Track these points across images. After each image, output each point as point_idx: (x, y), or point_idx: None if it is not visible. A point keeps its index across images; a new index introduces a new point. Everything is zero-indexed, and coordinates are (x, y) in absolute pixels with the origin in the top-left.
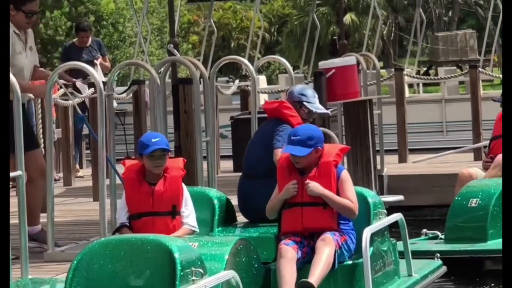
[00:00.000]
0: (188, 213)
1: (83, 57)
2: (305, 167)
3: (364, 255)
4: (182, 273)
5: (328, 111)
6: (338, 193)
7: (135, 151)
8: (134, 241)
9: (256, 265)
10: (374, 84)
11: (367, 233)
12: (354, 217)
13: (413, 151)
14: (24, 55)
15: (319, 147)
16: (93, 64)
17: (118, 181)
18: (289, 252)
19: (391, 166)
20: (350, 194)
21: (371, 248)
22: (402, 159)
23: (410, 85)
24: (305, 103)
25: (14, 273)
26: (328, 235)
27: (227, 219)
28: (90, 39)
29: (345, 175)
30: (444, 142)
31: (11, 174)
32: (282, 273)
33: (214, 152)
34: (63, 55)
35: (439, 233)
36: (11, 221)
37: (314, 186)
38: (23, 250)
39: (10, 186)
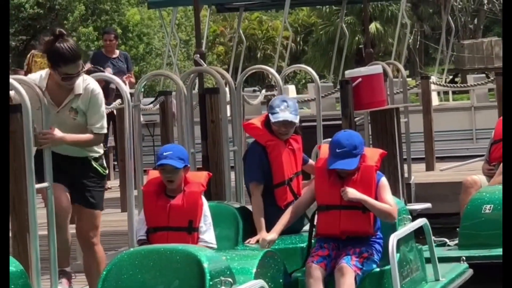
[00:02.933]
0: (205, 229)
1: (109, 67)
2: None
3: (392, 262)
4: (211, 283)
5: (293, 120)
6: (376, 199)
7: None
8: (163, 251)
9: (283, 277)
10: (401, 92)
11: (393, 239)
12: (394, 221)
13: (442, 159)
14: (53, 114)
15: (363, 153)
16: (118, 75)
17: None
18: (317, 271)
19: (418, 174)
20: (388, 198)
21: (398, 254)
22: (430, 167)
23: (439, 93)
24: (270, 115)
25: (44, 284)
26: (343, 264)
27: (252, 232)
28: (118, 51)
29: (384, 181)
30: (473, 150)
31: (38, 186)
32: None
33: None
34: (91, 61)
35: (447, 240)
36: (40, 233)
37: (350, 192)
38: (52, 261)
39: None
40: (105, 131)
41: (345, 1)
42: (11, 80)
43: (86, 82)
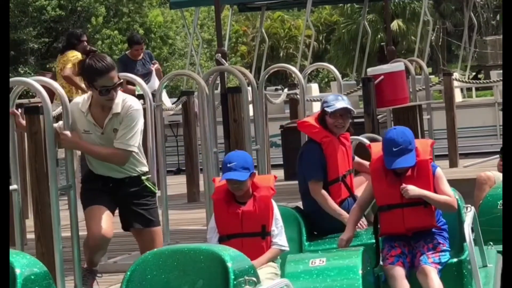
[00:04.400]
0: (277, 232)
1: (138, 70)
2: None
3: (470, 251)
4: (235, 282)
5: (349, 107)
6: (434, 191)
7: (186, 163)
8: (187, 251)
9: (372, 274)
10: (424, 89)
11: (468, 229)
12: (455, 211)
13: (467, 155)
14: (92, 135)
15: (415, 147)
16: (149, 75)
17: (169, 192)
18: (397, 271)
19: (442, 171)
20: (447, 189)
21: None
22: (453, 164)
23: (462, 90)
24: (325, 108)
25: (68, 285)
26: (423, 266)
27: (311, 233)
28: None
29: (440, 171)
30: (497, 146)
31: (61, 186)
32: None
33: (265, 160)
34: (120, 67)
35: None
36: (63, 234)
37: (411, 189)
38: (76, 262)
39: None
40: (132, 148)
41: None
42: (33, 83)
43: (125, 101)
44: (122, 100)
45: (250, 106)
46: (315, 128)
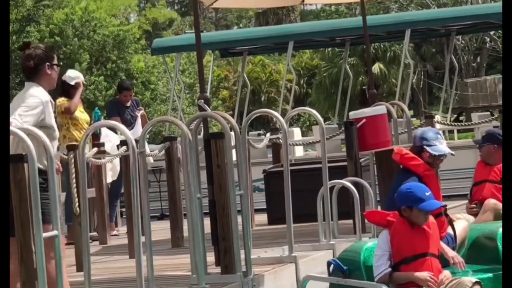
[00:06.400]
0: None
1: (127, 115)
2: None
3: None
4: None
5: (452, 152)
6: None
7: (169, 208)
8: None
9: None
10: (406, 132)
11: None
12: None
13: (450, 197)
14: None
15: None
16: (135, 121)
17: (153, 237)
18: None
19: None
20: None
21: None
22: None
23: (444, 132)
24: (425, 147)
25: None
26: None
27: None
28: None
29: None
30: None
31: (46, 235)
32: None
33: (248, 205)
34: (112, 110)
35: None
36: None
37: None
38: None
39: None
40: None
41: (348, 42)
42: (17, 131)
43: None
44: None
45: (233, 151)
46: (419, 161)
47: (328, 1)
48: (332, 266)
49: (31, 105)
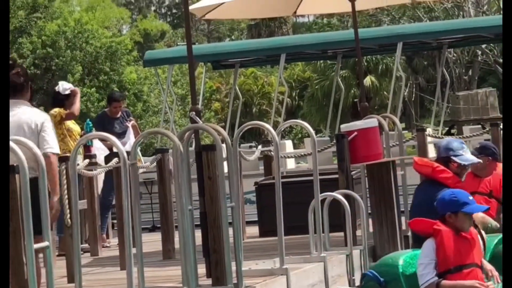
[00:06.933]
0: None
1: (116, 127)
2: None
3: None
4: None
5: (479, 160)
6: None
7: (161, 220)
8: None
9: None
10: (397, 145)
11: None
12: None
13: None
14: None
15: None
16: (125, 132)
17: (144, 249)
18: None
19: None
20: None
21: None
22: None
23: (435, 145)
24: (452, 157)
25: None
26: None
27: None
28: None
29: None
30: None
31: (37, 246)
32: None
33: (240, 217)
34: (97, 125)
35: None
36: None
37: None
38: None
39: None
40: None
41: (340, 55)
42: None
43: None
44: None
45: (225, 163)
46: (449, 173)
47: (320, 11)
48: (365, 278)
49: (51, 130)
